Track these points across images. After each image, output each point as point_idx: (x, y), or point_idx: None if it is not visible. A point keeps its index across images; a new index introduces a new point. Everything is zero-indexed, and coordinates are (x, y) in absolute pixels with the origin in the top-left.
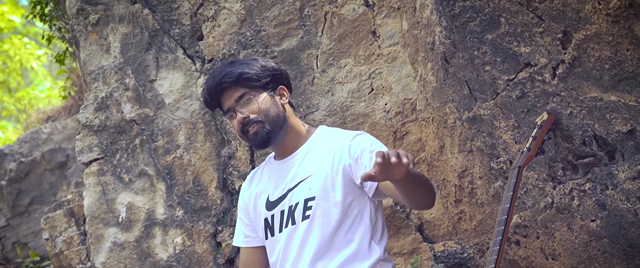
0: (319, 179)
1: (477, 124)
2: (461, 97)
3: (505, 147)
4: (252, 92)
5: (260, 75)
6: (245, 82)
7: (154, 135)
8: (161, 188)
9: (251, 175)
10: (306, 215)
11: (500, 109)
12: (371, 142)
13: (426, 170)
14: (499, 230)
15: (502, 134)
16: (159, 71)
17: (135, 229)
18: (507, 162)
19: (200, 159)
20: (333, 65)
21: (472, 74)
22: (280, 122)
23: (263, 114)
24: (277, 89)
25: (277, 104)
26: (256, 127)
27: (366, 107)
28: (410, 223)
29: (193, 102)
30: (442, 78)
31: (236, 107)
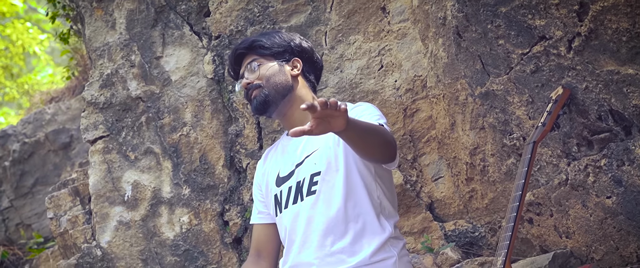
0: (323, 154)
1: (490, 99)
2: (474, 73)
3: (518, 123)
4: (260, 59)
5: (273, 44)
6: (256, 50)
7: (160, 112)
8: (167, 166)
9: (267, 151)
10: (312, 190)
11: (514, 84)
12: (366, 109)
13: (437, 147)
14: (513, 206)
15: (515, 110)
16: (165, 48)
17: (141, 208)
18: (520, 138)
19: (207, 137)
20: (342, 41)
21: (485, 48)
22: (283, 90)
23: (265, 80)
24: (290, 60)
25: (285, 73)
26: (256, 92)
27: (376, 84)
28: (421, 201)
29: (200, 79)
30: (454, 53)
31: (245, 73)
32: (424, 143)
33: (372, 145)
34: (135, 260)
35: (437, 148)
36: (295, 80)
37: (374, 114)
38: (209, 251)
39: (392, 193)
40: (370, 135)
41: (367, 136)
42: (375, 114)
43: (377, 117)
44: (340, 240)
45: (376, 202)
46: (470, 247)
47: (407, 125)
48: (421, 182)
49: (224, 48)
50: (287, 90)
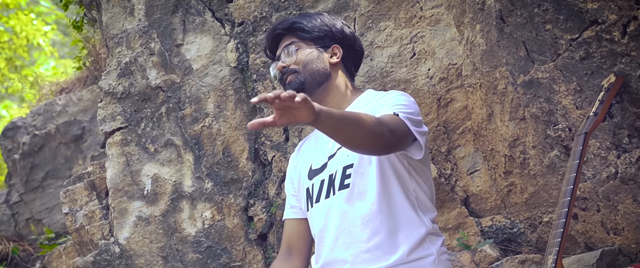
0: None
1: (534, 88)
2: (516, 60)
3: (564, 113)
4: (299, 43)
5: (314, 28)
6: (296, 32)
7: (181, 102)
8: (189, 159)
9: (301, 142)
10: (345, 183)
11: (561, 72)
12: (388, 97)
13: (472, 139)
14: (564, 201)
15: (561, 99)
16: (186, 35)
17: (161, 203)
18: (565, 129)
19: (230, 128)
20: (372, 28)
21: (531, 33)
22: (320, 78)
23: (302, 65)
24: (330, 46)
25: (324, 60)
26: (292, 77)
27: (408, 72)
28: (456, 196)
29: (222, 68)
30: (496, 39)
31: (281, 55)
32: (459, 134)
33: (350, 137)
34: (155, 257)
35: (472, 140)
36: (334, 68)
37: (394, 103)
38: (233, 248)
39: (430, 187)
40: (349, 126)
41: (344, 127)
42: (395, 103)
43: (394, 106)
44: (376, 235)
45: (412, 195)
46: (508, 243)
47: (441, 115)
48: (456, 176)
49: (247, 35)
50: (324, 79)
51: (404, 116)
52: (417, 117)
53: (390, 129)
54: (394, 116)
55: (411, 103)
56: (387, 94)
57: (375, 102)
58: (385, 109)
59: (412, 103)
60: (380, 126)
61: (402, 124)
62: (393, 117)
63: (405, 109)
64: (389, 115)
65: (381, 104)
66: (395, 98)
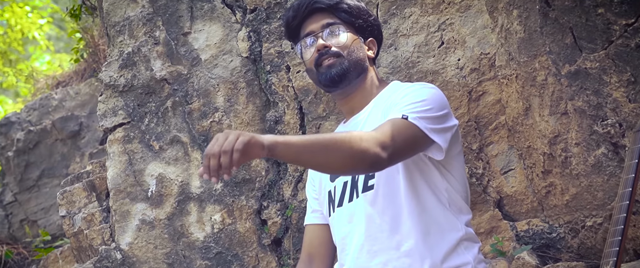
0: None
1: (581, 79)
2: (561, 48)
3: (615, 106)
4: (344, 26)
5: (359, 14)
6: (341, 13)
7: (188, 96)
8: (197, 157)
9: None
10: (369, 185)
11: (613, 61)
12: (408, 95)
13: (506, 136)
14: (621, 205)
15: (612, 91)
16: (193, 22)
17: (166, 205)
18: (615, 124)
19: (242, 124)
20: (396, 15)
21: (580, 18)
22: (360, 69)
23: (347, 51)
24: (368, 39)
25: (364, 51)
26: (333, 60)
27: (435, 63)
28: (488, 197)
29: (233, 58)
30: (539, 25)
31: (321, 33)
32: (492, 130)
33: (318, 164)
34: (160, 264)
35: (506, 137)
36: (370, 62)
37: (408, 103)
38: (245, 254)
39: (464, 185)
40: (315, 154)
41: (307, 157)
42: (409, 102)
43: (406, 107)
44: (405, 242)
45: (443, 195)
46: (546, 249)
47: (472, 110)
48: (488, 175)
49: (260, 23)
50: (362, 71)
51: (416, 117)
52: (438, 112)
53: (382, 142)
54: (401, 121)
55: (432, 97)
56: (407, 88)
57: (393, 99)
58: (395, 112)
59: (433, 97)
60: (364, 143)
61: (411, 128)
62: (397, 123)
63: (420, 107)
64: (391, 123)
65: (395, 103)
66: (414, 94)
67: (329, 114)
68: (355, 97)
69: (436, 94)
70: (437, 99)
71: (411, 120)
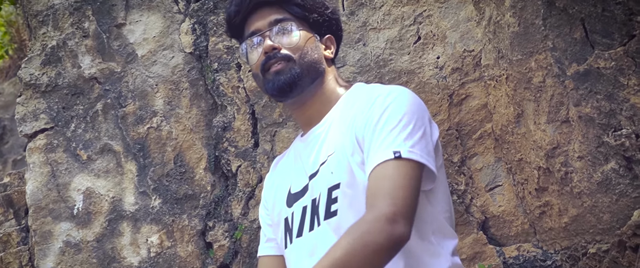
0: (342, 158)
1: (591, 81)
2: (569, 44)
3: (632, 114)
4: (296, 22)
5: (314, 7)
6: (292, 7)
7: (121, 98)
8: (131, 169)
9: (278, 158)
10: (331, 210)
11: (633, 59)
12: (383, 116)
13: (493, 146)
14: None
15: (630, 96)
16: (128, 12)
17: (95, 224)
18: (631, 135)
19: (184, 131)
20: (365, 5)
21: (595, 8)
22: (315, 73)
23: (300, 54)
24: (324, 36)
25: (320, 52)
26: (282, 65)
27: (411, 61)
28: (471, 218)
29: (175, 54)
30: (541, 16)
31: (268, 32)
32: (476, 140)
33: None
34: None
35: (493, 148)
36: (327, 63)
37: (390, 126)
38: None
39: (448, 205)
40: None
41: None
42: (392, 126)
43: (390, 136)
44: None
45: (425, 222)
46: None
47: (453, 116)
48: (472, 192)
49: (206, 13)
50: (318, 74)
51: (409, 149)
52: (422, 127)
53: (388, 214)
54: (395, 165)
55: (412, 107)
56: (377, 98)
57: (359, 108)
58: (377, 147)
59: (412, 106)
60: (371, 235)
61: (410, 169)
62: (391, 172)
63: (406, 129)
64: (384, 175)
65: (366, 120)
66: (391, 111)
67: (286, 120)
68: (311, 107)
69: (414, 101)
70: (417, 109)
71: (406, 157)
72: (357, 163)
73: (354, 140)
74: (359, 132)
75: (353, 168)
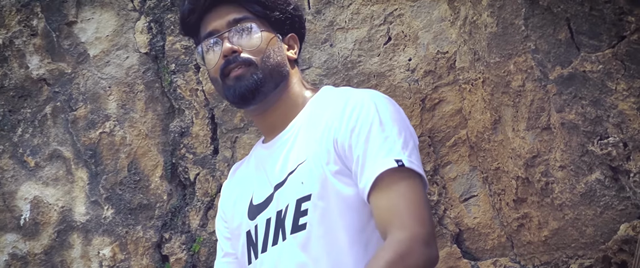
0: (314, 168)
1: (576, 85)
2: (552, 45)
3: (620, 121)
4: (256, 22)
5: (276, 4)
6: (252, 6)
7: (72, 100)
8: (82, 177)
9: (236, 166)
10: (300, 224)
11: (622, 63)
12: (375, 114)
13: (468, 154)
14: None
15: (617, 102)
16: (80, 9)
17: (43, 236)
18: (619, 144)
19: (139, 136)
20: (332, 3)
21: (583, 7)
22: (279, 77)
23: (261, 56)
24: (287, 35)
25: (283, 53)
26: (243, 70)
27: (381, 63)
28: (445, 231)
29: (129, 54)
30: (523, 16)
31: (227, 33)
32: (450, 147)
33: None
34: None
35: (468, 156)
36: (291, 65)
37: (384, 136)
38: None
39: None
40: None
41: None
42: (385, 135)
43: (385, 145)
44: None
45: None
46: None
47: (426, 121)
48: (445, 203)
49: (163, 11)
50: (282, 79)
51: (407, 157)
52: (411, 138)
53: (415, 236)
54: (401, 180)
55: (402, 118)
56: (354, 104)
57: (333, 115)
58: (376, 158)
59: (401, 117)
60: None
61: (414, 182)
62: (398, 188)
63: (398, 136)
64: (390, 195)
65: (358, 140)
66: (380, 122)
67: (248, 125)
68: (275, 112)
69: (398, 108)
70: (403, 116)
71: (409, 166)
72: (332, 172)
73: (330, 148)
74: (339, 140)
75: (327, 178)
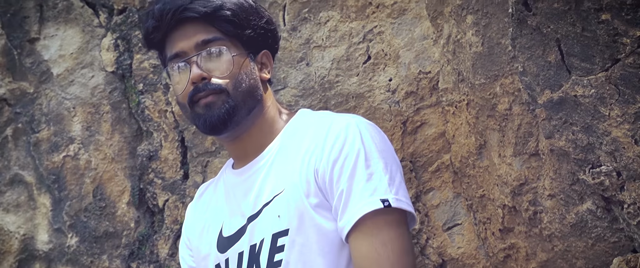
0: (292, 201)
1: (566, 110)
2: (541, 68)
3: (613, 149)
4: (227, 42)
5: (248, 21)
6: (222, 24)
7: (34, 122)
8: (45, 203)
9: (203, 188)
10: (275, 260)
11: (616, 87)
12: (360, 146)
13: (451, 180)
14: None
15: (611, 128)
16: (43, 26)
17: (4, 265)
18: (612, 173)
19: (105, 159)
20: (309, 20)
21: (574, 27)
22: (251, 102)
23: (232, 82)
24: (259, 53)
25: (255, 75)
26: (213, 97)
27: (360, 83)
28: (427, 261)
29: (94, 73)
30: (511, 36)
31: (196, 56)
32: (432, 173)
33: None
34: None
35: (452, 182)
36: (265, 87)
37: (369, 172)
38: None
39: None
40: None
41: None
42: (371, 171)
43: (370, 184)
44: None
45: None
46: None
47: (407, 145)
48: (427, 232)
49: (131, 27)
50: (255, 103)
51: (397, 198)
52: (397, 170)
53: None
54: (386, 225)
55: (387, 149)
56: (339, 138)
57: (315, 143)
58: (360, 197)
59: (386, 147)
60: None
61: (400, 225)
62: (383, 235)
63: (384, 170)
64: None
65: (340, 176)
66: (365, 156)
67: (219, 148)
68: (248, 138)
69: (383, 137)
70: (388, 147)
71: (396, 206)
72: (312, 205)
73: (311, 178)
74: (320, 170)
75: (306, 211)
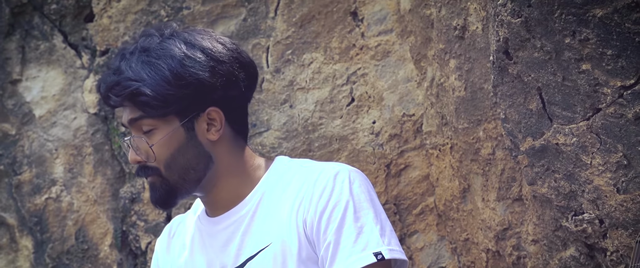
0: (280, 253)
1: (548, 158)
2: (523, 115)
3: (596, 197)
4: (153, 121)
5: (169, 93)
6: (142, 107)
7: (16, 164)
8: (27, 245)
9: (170, 229)
10: None
11: (597, 136)
12: (348, 197)
13: (435, 223)
14: None
15: (593, 177)
16: (25, 67)
17: None
18: (594, 221)
19: (87, 202)
20: (292, 62)
21: (555, 76)
22: (194, 174)
23: (162, 164)
24: (204, 111)
25: (196, 141)
26: (153, 178)
27: (343, 126)
28: None
29: (77, 115)
30: (493, 83)
31: (128, 138)
32: (416, 216)
33: None
34: None
35: (436, 225)
36: (216, 146)
37: (360, 223)
38: None
39: None
40: None
41: None
42: (362, 223)
43: (363, 237)
44: None
45: None
46: None
47: (391, 188)
48: None
49: None
50: (203, 169)
51: (390, 249)
52: (386, 219)
53: None
54: (376, 266)
55: (374, 198)
56: (324, 182)
57: (310, 206)
58: (351, 251)
59: (374, 196)
60: None
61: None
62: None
63: (375, 221)
64: None
65: (330, 230)
66: (355, 209)
67: None
68: (220, 193)
69: (369, 186)
70: (374, 196)
71: (389, 257)
72: (302, 260)
73: (301, 231)
74: (308, 221)
75: (297, 266)
